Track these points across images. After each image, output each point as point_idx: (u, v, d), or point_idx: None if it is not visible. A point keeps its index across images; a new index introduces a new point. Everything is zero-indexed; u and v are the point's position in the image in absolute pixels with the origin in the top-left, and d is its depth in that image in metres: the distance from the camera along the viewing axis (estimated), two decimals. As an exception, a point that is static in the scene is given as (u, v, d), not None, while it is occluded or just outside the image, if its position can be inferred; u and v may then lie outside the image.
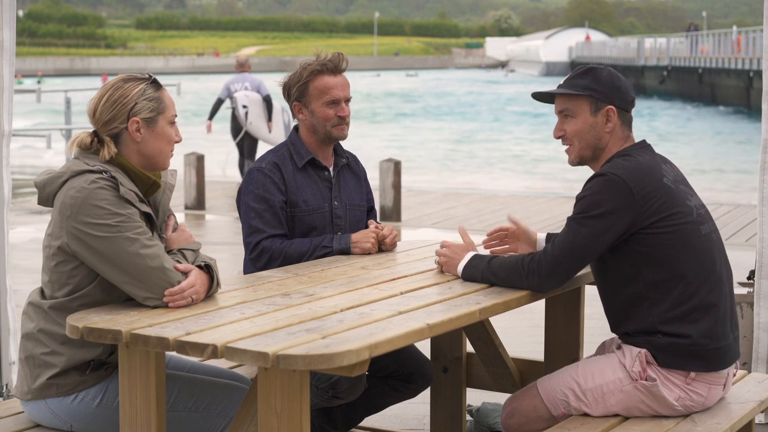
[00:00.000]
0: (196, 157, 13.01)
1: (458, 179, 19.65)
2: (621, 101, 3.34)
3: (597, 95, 3.31)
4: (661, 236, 3.19)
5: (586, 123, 3.33)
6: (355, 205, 4.02)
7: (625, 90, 3.36)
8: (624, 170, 3.20)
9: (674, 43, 52.44)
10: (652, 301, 3.22)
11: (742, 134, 29.61)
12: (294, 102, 3.92)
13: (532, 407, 3.38)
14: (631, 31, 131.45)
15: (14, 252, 9.10)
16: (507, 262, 3.30)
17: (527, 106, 43.46)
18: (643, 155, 3.30)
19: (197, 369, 3.29)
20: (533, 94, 3.50)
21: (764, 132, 4.55)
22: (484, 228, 11.48)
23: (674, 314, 3.20)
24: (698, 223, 3.26)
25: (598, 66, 3.39)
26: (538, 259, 3.24)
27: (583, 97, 3.32)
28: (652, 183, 3.20)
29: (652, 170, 3.24)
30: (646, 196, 3.18)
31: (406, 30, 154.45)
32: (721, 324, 3.25)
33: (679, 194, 3.25)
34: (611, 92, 3.32)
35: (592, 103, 3.32)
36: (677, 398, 3.25)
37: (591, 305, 4.08)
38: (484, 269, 3.33)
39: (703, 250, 3.25)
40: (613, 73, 3.36)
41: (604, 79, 3.33)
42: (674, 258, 3.20)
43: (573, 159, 3.41)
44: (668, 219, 3.19)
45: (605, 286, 3.34)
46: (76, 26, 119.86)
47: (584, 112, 3.32)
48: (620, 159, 3.27)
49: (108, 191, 2.96)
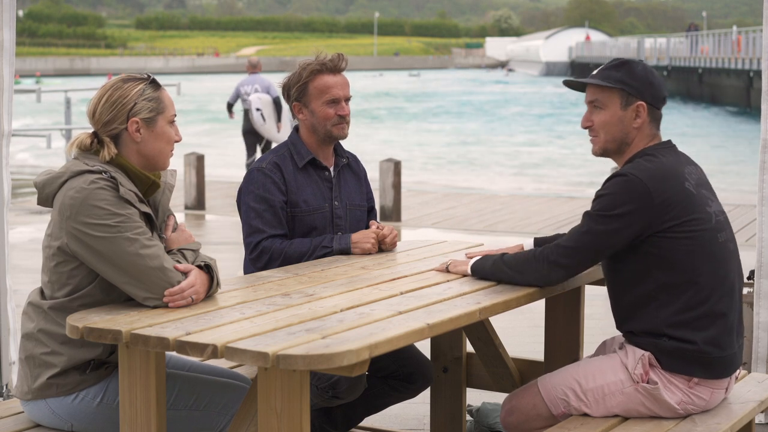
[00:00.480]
0: (196, 157, 13.01)
1: (458, 179, 19.65)
2: (652, 98, 3.30)
3: (629, 89, 3.27)
4: (678, 241, 3.16)
5: (615, 116, 3.29)
6: (356, 205, 4.02)
7: (658, 87, 3.31)
8: (645, 172, 3.17)
9: (674, 43, 52.46)
10: (660, 303, 3.20)
11: (742, 134, 29.61)
12: (294, 102, 3.92)
13: (532, 405, 3.37)
14: (631, 31, 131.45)
15: (14, 252, 9.10)
16: (518, 255, 3.34)
17: (528, 107, 43.46)
18: (668, 156, 3.27)
19: (197, 369, 3.29)
20: (565, 81, 3.45)
21: (764, 132, 4.55)
22: (484, 228, 11.48)
23: (682, 319, 3.18)
24: (716, 230, 3.23)
25: (634, 60, 3.34)
26: (549, 249, 3.25)
27: (615, 89, 3.28)
28: (673, 187, 3.17)
29: (675, 174, 3.21)
30: (666, 201, 3.15)
31: (406, 30, 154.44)
32: (728, 333, 3.24)
33: (699, 200, 3.22)
34: (644, 88, 3.28)
35: (623, 97, 3.28)
36: (679, 402, 3.24)
37: (591, 305, 4.08)
38: (496, 260, 3.36)
39: (718, 258, 3.22)
40: (647, 69, 3.32)
41: (638, 74, 3.28)
42: (688, 263, 3.17)
43: (597, 150, 3.37)
44: (686, 224, 3.17)
45: (615, 283, 3.32)
46: (76, 26, 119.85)
47: (614, 105, 3.29)
48: (643, 159, 3.24)
49: (108, 191, 2.96)
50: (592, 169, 20.24)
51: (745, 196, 15.68)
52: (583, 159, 23.38)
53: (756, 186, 4.63)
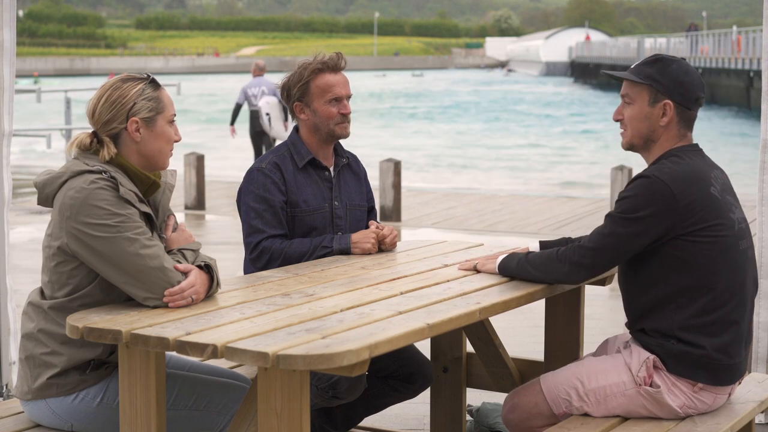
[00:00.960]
0: (196, 157, 13.01)
1: (458, 179, 19.65)
2: (681, 97, 3.26)
3: (657, 86, 3.25)
4: (699, 245, 3.15)
5: (642, 112, 3.27)
6: (356, 205, 4.02)
7: (690, 87, 3.27)
8: (670, 174, 3.15)
9: (674, 43, 52.49)
10: (677, 305, 3.18)
11: (742, 134, 29.61)
12: (295, 102, 3.92)
13: (534, 403, 3.37)
14: (631, 31, 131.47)
15: (14, 252, 9.09)
16: (543, 254, 3.36)
17: (529, 107, 43.45)
18: (694, 159, 3.24)
19: (197, 368, 3.29)
20: (602, 72, 3.54)
21: (764, 132, 4.55)
22: (484, 228, 11.48)
23: (695, 323, 3.17)
24: (738, 237, 3.22)
25: (671, 57, 3.32)
26: (572, 249, 3.26)
27: (644, 85, 3.27)
28: (699, 191, 3.16)
29: (701, 178, 3.19)
30: (690, 204, 3.13)
31: (406, 30, 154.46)
32: (736, 342, 3.23)
33: (724, 205, 3.21)
34: (673, 86, 3.25)
35: (652, 94, 3.26)
36: (681, 405, 3.24)
37: (591, 305, 4.08)
38: (521, 259, 3.39)
39: (738, 265, 3.21)
40: (682, 68, 3.28)
41: (670, 72, 3.26)
42: (708, 268, 3.16)
43: (625, 143, 3.36)
44: (709, 229, 3.15)
45: (632, 283, 3.30)
46: (76, 26, 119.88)
47: (642, 101, 3.27)
48: (669, 161, 3.22)
49: (107, 191, 2.96)
50: (592, 170, 20.27)
51: (744, 197, 15.69)
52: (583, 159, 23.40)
53: (756, 186, 4.62)
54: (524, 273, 3.38)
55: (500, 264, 3.46)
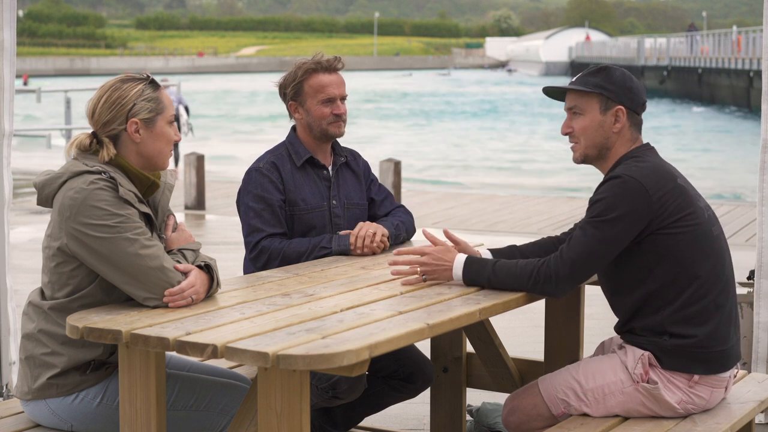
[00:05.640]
0: (196, 157, 13.01)
1: (458, 179, 19.65)
2: (631, 102, 3.30)
3: (608, 94, 3.28)
4: (677, 236, 3.17)
5: (594, 121, 3.29)
6: (354, 203, 4.02)
7: (637, 92, 3.32)
8: (639, 171, 3.18)
9: (674, 43, 52.45)
10: (664, 301, 3.20)
11: (742, 134, 29.60)
12: (290, 101, 3.93)
13: (533, 405, 3.38)
14: (631, 31, 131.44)
15: (14, 252, 9.09)
16: (515, 271, 3.21)
17: (529, 106, 43.45)
18: (653, 156, 3.28)
19: (197, 369, 3.29)
20: (544, 88, 3.45)
21: (764, 132, 4.55)
22: (484, 228, 11.48)
23: (684, 314, 3.19)
24: (710, 224, 3.26)
25: (612, 65, 3.35)
26: (554, 265, 3.17)
27: (594, 95, 3.29)
28: (668, 184, 3.19)
29: (667, 170, 3.23)
30: (662, 198, 3.16)
31: (406, 30, 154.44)
32: (725, 326, 3.24)
33: (692, 194, 3.24)
34: (622, 92, 3.29)
35: (602, 102, 3.28)
36: (679, 401, 3.25)
37: (591, 305, 4.08)
38: (490, 276, 3.23)
39: (715, 251, 3.24)
40: (626, 74, 3.33)
41: (616, 79, 3.30)
42: (689, 258, 3.18)
43: (577, 157, 3.38)
44: (684, 219, 3.18)
45: (615, 285, 3.31)
46: (76, 26, 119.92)
47: (593, 111, 3.29)
48: (632, 161, 3.24)
49: (107, 192, 2.96)
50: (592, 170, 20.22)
51: (744, 197, 15.68)
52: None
53: (756, 186, 4.63)
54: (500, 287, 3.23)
55: (464, 277, 3.27)
